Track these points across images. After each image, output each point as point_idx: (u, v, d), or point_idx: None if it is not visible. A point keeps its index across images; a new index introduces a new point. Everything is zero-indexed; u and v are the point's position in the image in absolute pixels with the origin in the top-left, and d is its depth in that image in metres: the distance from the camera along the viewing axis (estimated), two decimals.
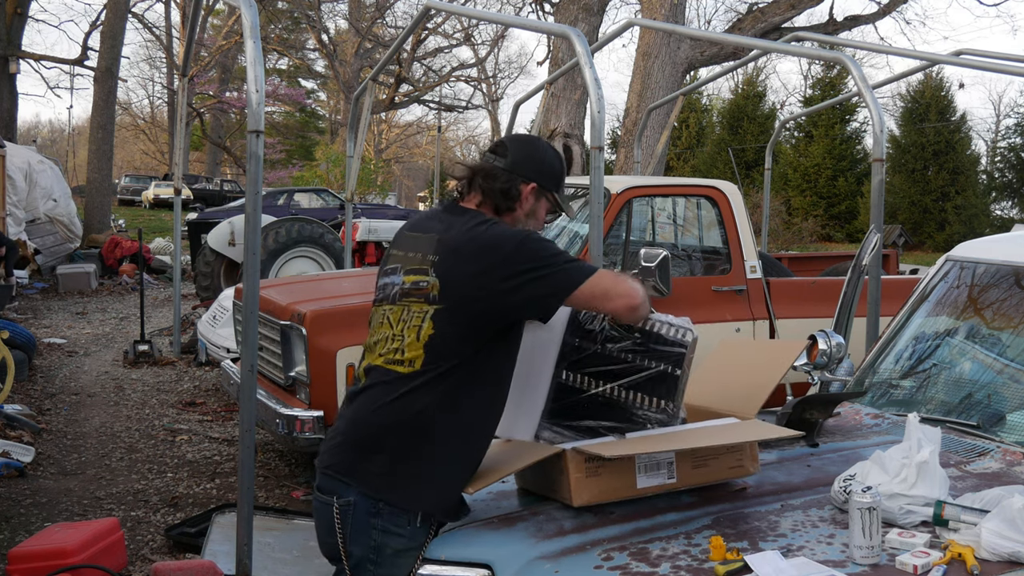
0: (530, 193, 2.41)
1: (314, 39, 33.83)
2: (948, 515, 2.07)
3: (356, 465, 2.26)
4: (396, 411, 2.24)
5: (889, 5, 15.68)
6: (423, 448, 2.24)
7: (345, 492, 2.26)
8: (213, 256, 11.61)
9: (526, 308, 2.25)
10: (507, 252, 2.22)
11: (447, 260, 2.26)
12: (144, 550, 4.60)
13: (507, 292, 2.20)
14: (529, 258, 2.21)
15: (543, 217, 2.48)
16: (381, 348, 2.32)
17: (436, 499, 2.26)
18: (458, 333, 2.23)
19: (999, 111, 37.18)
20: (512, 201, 2.39)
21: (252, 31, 3.92)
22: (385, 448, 2.24)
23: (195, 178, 35.40)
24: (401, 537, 2.23)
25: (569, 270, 2.23)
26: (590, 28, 11.92)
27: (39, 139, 47.01)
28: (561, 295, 2.23)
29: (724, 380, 2.77)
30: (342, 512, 2.25)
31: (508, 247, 2.23)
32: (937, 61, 8.34)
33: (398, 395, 2.25)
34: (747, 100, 31.99)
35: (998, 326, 3.04)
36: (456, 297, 2.23)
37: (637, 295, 2.27)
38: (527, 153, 2.43)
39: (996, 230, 23.39)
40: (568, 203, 2.52)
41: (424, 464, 2.24)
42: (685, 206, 6.17)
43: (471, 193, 2.41)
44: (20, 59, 19.06)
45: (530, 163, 2.42)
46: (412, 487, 2.23)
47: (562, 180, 2.50)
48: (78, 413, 7.32)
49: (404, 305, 2.30)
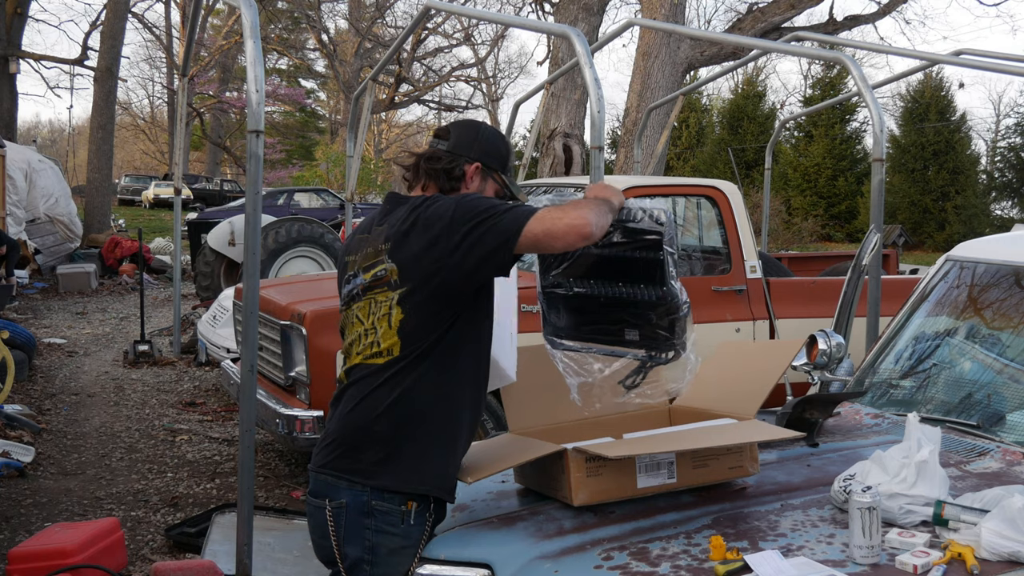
0: (475, 173, 2.41)
1: (314, 39, 33.85)
2: (948, 515, 2.07)
3: (348, 459, 2.26)
4: (381, 398, 2.25)
5: (889, 5, 15.68)
6: (411, 428, 2.24)
7: (337, 494, 2.25)
8: (213, 256, 11.61)
9: (482, 268, 2.21)
10: (448, 219, 2.21)
11: (399, 244, 2.27)
12: (144, 550, 4.60)
13: (460, 258, 2.18)
14: (469, 217, 2.19)
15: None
16: (357, 347, 2.32)
17: (431, 476, 2.26)
18: (427, 311, 2.23)
19: (999, 111, 37.17)
20: (456, 181, 2.39)
21: (252, 31, 3.92)
22: (375, 437, 2.24)
23: (195, 178, 35.39)
24: (395, 536, 2.23)
25: (510, 216, 2.18)
26: (590, 28, 11.91)
27: (39, 139, 46.99)
28: (510, 242, 2.16)
29: (723, 382, 2.78)
30: (335, 514, 2.25)
31: (448, 214, 2.22)
32: (937, 61, 8.34)
33: (381, 382, 2.25)
34: (747, 100, 31.99)
35: (998, 326, 3.04)
36: (415, 277, 2.23)
37: (586, 221, 2.16)
38: (470, 135, 2.44)
39: (996, 230, 23.39)
40: (517, 186, 2.51)
41: (415, 444, 2.24)
42: (685, 206, 6.17)
43: (418, 181, 2.42)
44: (20, 59, 19.06)
45: (473, 144, 2.42)
46: (406, 468, 2.23)
47: (507, 162, 2.48)
48: (78, 413, 7.32)
49: (370, 299, 2.31)
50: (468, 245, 2.17)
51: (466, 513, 2.42)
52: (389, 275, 2.27)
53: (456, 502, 2.45)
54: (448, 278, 2.20)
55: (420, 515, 2.25)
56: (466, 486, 2.56)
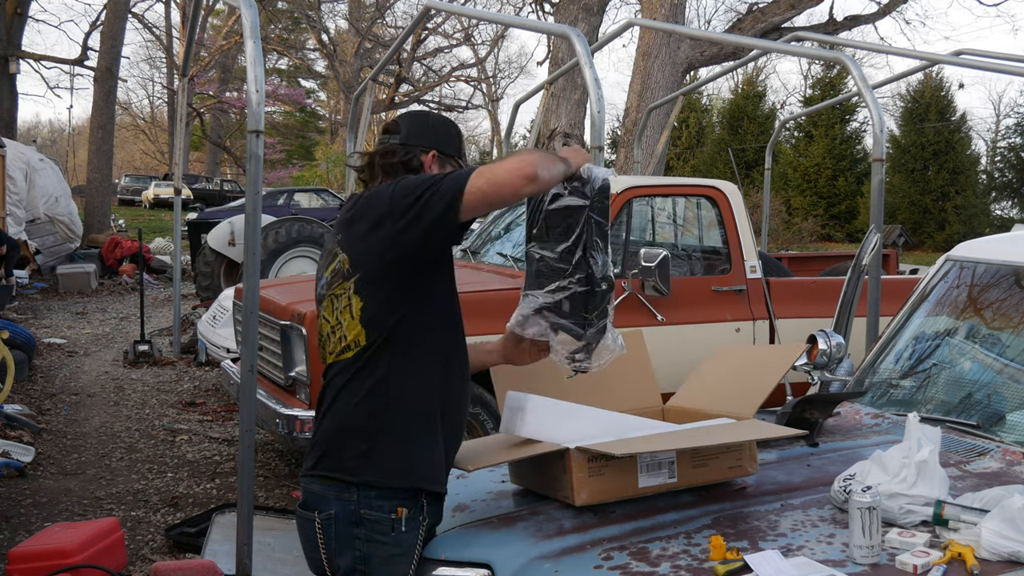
0: (432, 161, 2.36)
1: (314, 39, 33.84)
2: (948, 515, 2.07)
3: (332, 459, 2.22)
4: (355, 391, 2.22)
5: (889, 5, 15.68)
6: (388, 417, 2.20)
7: (326, 505, 2.22)
8: (213, 256, 11.61)
9: (432, 236, 2.15)
10: (389, 196, 2.18)
11: (348, 233, 2.26)
12: (144, 550, 4.60)
13: (406, 231, 2.14)
14: (410, 191, 2.15)
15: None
16: (329, 346, 2.30)
17: (416, 468, 2.21)
18: (383, 294, 2.20)
19: (999, 111, 37.18)
20: (415, 172, 2.33)
21: (252, 31, 3.92)
22: (354, 431, 2.21)
23: (195, 178, 35.40)
24: (386, 544, 2.18)
25: (450, 179, 2.12)
26: (590, 28, 11.92)
27: (39, 139, 46.99)
28: (455, 205, 2.09)
29: (721, 384, 2.77)
30: (324, 526, 2.21)
31: (388, 191, 2.20)
32: (937, 61, 8.34)
33: (352, 375, 2.23)
34: (747, 100, 31.99)
35: (998, 326, 3.04)
36: (366, 260, 2.21)
37: (528, 162, 2.10)
38: (420, 125, 2.41)
39: (996, 230, 23.39)
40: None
41: (394, 433, 2.20)
42: (685, 206, 6.17)
43: (375, 180, 2.36)
44: (20, 59, 19.05)
45: (425, 133, 2.39)
46: (389, 460, 2.19)
47: (461, 146, 2.46)
48: (78, 413, 7.32)
49: (331, 295, 2.30)
50: (413, 216, 2.13)
51: (466, 513, 2.41)
52: (343, 265, 2.26)
53: (456, 502, 2.44)
54: (399, 254, 2.17)
55: (412, 521, 2.20)
56: (466, 486, 2.57)
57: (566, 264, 2.25)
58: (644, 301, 5.34)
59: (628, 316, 5.22)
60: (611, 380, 2.75)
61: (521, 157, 2.12)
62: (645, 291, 5.26)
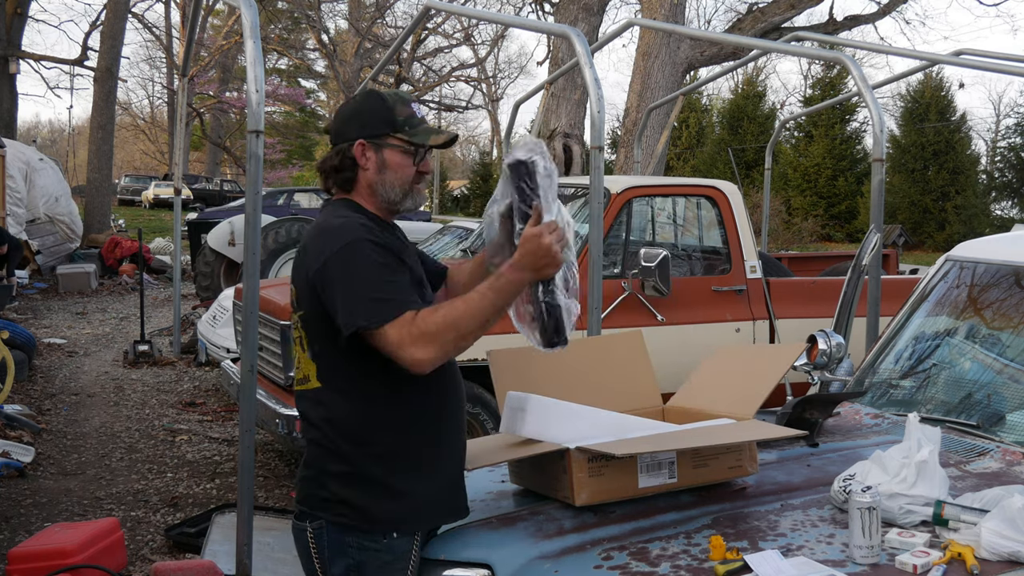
0: (363, 152, 2.20)
1: (314, 39, 33.81)
2: (948, 515, 2.07)
3: (315, 497, 2.19)
4: (317, 427, 2.18)
5: (889, 5, 15.68)
6: (355, 458, 2.13)
7: (316, 516, 2.19)
8: (213, 256, 11.61)
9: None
10: (323, 257, 2.08)
11: (298, 264, 2.22)
12: (144, 550, 4.60)
13: (323, 300, 2.10)
14: (327, 279, 2.07)
15: (405, 165, 2.21)
16: (297, 374, 2.26)
17: (405, 508, 2.15)
18: (323, 334, 2.13)
19: (999, 111, 37.18)
20: (350, 172, 2.22)
21: (252, 31, 3.92)
22: (328, 471, 2.16)
23: (195, 178, 35.39)
24: (379, 552, 2.15)
25: (364, 307, 2.02)
26: (590, 28, 11.92)
27: (39, 139, 47.00)
28: (346, 329, 2.04)
29: (721, 384, 2.77)
30: (316, 535, 2.18)
31: (324, 252, 2.09)
32: (937, 61, 8.34)
33: (311, 409, 2.20)
34: (747, 100, 31.97)
35: (998, 326, 3.04)
36: (306, 297, 2.16)
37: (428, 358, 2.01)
38: (342, 117, 2.26)
39: (996, 230, 23.37)
40: (426, 130, 2.22)
41: (368, 474, 2.14)
42: (685, 206, 6.17)
43: (328, 188, 2.30)
44: (20, 59, 19.05)
45: (347, 124, 2.22)
46: (372, 505, 2.13)
47: (394, 116, 2.21)
48: (78, 413, 7.32)
49: (295, 323, 2.26)
50: (329, 295, 2.07)
51: None
52: (293, 297, 2.23)
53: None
54: (324, 311, 2.12)
55: (404, 533, 2.18)
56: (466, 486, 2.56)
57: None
58: (644, 301, 5.34)
59: (628, 316, 5.22)
60: (611, 380, 2.75)
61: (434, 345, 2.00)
62: (645, 291, 5.26)
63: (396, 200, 2.24)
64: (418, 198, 2.28)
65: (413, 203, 2.28)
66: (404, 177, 2.23)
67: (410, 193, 2.25)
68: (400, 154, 2.21)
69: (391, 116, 2.21)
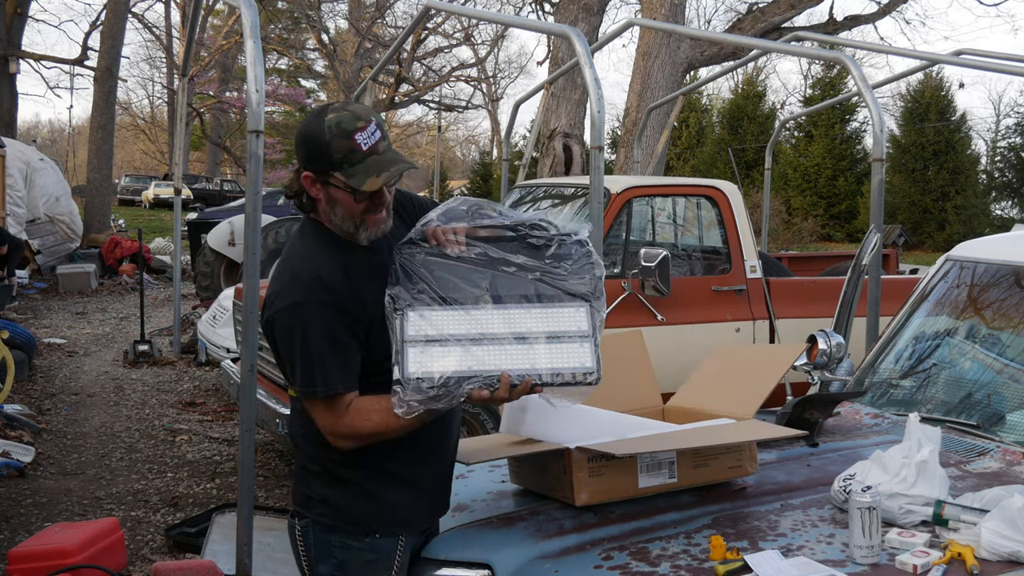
0: (311, 185, 2.08)
1: (314, 39, 33.80)
2: (948, 515, 2.07)
3: (301, 495, 2.22)
4: (296, 434, 2.22)
5: (889, 5, 15.67)
6: (326, 460, 2.14)
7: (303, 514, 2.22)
8: (213, 256, 11.60)
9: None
10: (270, 311, 2.08)
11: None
12: (144, 550, 4.60)
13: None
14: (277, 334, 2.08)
15: (354, 207, 2.06)
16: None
17: (383, 510, 2.15)
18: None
19: (999, 111, 37.15)
20: (310, 203, 2.12)
21: (252, 31, 3.92)
22: (310, 474, 2.18)
23: (195, 178, 35.39)
24: (362, 551, 2.16)
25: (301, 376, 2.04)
26: (590, 28, 11.91)
27: (39, 139, 46.99)
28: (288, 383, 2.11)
29: (721, 384, 2.77)
30: (303, 533, 2.20)
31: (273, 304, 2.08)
32: (937, 61, 8.34)
33: (294, 415, 2.24)
34: (747, 100, 31.95)
35: (998, 326, 3.04)
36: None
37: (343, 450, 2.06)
38: (296, 139, 2.11)
39: (996, 230, 23.36)
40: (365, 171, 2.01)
41: (342, 476, 2.14)
42: (685, 206, 6.17)
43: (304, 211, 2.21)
44: (20, 59, 19.04)
45: (297, 149, 2.09)
46: (350, 505, 2.15)
47: (330, 154, 2.01)
48: (78, 413, 7.32)
49: None
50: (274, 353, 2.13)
51: (466, 513, 2.41)
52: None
53: (456, 502, 2.44)
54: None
55: (387, 534, 2.19)
56: (466, 486, 2.57)
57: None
58: (644, 301, 5.34)
59: (628, 316, 5.22)
60: (611, 380, 2.74)
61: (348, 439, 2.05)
62: (645, 291, 5.26)
63: (350, 232, 2.11)
64: (375, 229, 2.11)
65: (367, 235, 2.11)
66: (352, 212, 2.08)
67: (362, 226, 2.10)
68: (342, 192, 2.05)
69: (328, 153, 2.02)
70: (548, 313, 2.07)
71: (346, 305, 2.05)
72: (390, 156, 2.05)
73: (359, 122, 2.02)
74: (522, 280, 2.10)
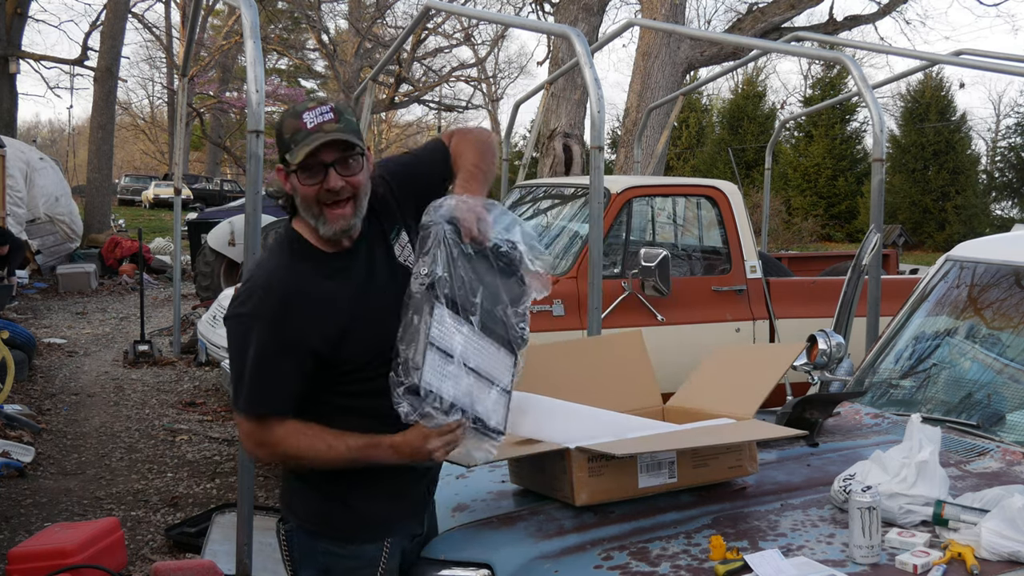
0: (284, 179, 2.04)
1: (314, 39, 33.80)
2: (948, 515, 2.07)
3: (286, 499, 2.22)
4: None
5: (889, 5, 15.67)
6: (314, 475, 2.13)
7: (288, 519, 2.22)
8: (213, 256, 11.60)
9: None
10: (228, 312, 2.06)
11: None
12: (144, 550, 4.60)
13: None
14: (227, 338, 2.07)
15: (302, 187, 2.00)
16: None
17: (365, 519, 2.14)
18: None
19: (999, 111, 37.09)
20: (287, 200, 2.10)
21: (252, 31, 3.92)
22: (294, 480, 2.19)
23: (195, 178, 35.38)
24: (345, 558, 2.15)
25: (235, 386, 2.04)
26: (590, 28, 11.90)
27: (39, 139, 46.98)
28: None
29: (721, 384, 2.77)
30: (288, 537, 2.19)
31: (231, 305, 2.05)
32: (937, 61, 8.34)
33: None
34: (747, 100, 31.97)
35: (998, 326, 3.04)
36: None
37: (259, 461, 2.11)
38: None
39: (996, 230, 23.37)
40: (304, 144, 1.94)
41: (320, 485, 2.13)
42: (685, 206, 6.17)
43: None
44: (20, 59, 19.04)
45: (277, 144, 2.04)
46: (331, 514, 2.14)
47: (284, 138, 1.98)
48: (78, 413, 7.32)
49: None
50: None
51: (466, 513, 2.41)
52: None
53: (456, 502, 2.44)
54: None
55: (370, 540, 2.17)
56: (466, 486, 2.57)
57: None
58: (644, 301, 5.34)
59: (628, 316, 5.22)
60: (611, 380, 2.75)
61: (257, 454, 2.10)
62: (645, 291, 5.26)
63: (317, 228, 2.03)
64: (335, 224, 2.01)
65: (326, 229, 2.01)
66: (308, 200, 2.00)
67: (320, 218, 2.00)
68: (295, 177, 1.99)
69: (283, 137, 1.98)
70: (498, 356, 2.04)
71: (302, 327, 1.98)
72: (335, 133, 1.95)
73: (311, 103, 1.97)
74: (497, 310, 2.02)
